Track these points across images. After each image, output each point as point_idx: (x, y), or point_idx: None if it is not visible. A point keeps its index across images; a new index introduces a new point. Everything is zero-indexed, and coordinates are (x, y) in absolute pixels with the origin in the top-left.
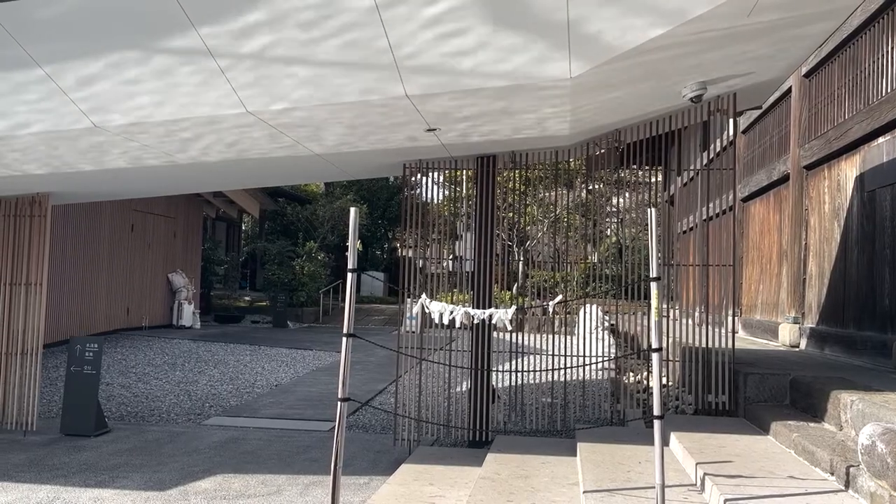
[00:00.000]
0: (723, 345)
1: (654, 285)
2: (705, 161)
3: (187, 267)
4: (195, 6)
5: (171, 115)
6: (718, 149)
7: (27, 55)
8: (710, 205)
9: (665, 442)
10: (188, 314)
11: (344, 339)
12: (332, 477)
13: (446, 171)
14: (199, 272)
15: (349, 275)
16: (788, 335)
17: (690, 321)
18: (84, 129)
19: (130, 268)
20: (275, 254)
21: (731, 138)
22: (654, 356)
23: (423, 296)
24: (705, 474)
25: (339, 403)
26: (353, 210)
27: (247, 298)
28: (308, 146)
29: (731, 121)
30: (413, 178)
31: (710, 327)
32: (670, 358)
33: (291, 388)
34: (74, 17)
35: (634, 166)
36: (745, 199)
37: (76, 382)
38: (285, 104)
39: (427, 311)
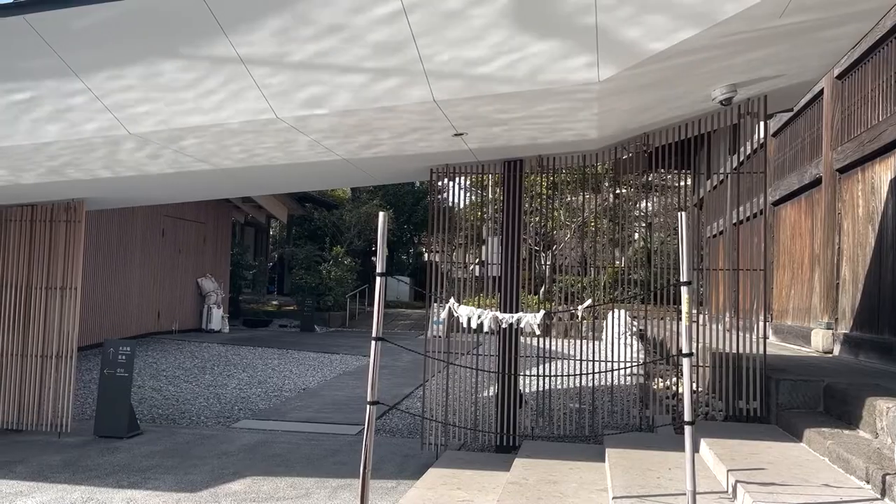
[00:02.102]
0: (754, 350)
1: (684, 289)
2: (735, 164)
3: (216, 271)
4: (226, 15)
5: (202, 122)
6: (748, 152)
7: (64, 64)
8: (740, 208)
9: (695, 448)
10: (217, 318)
11: (373, 342)
12: (360, 480)
13: (473, 176)
14: (228, 277)
15: (378, 278)
16: (821, 341)
17: (720, 326)
18: (119, 137)
19: (161, 272)
20: (302, 258)
21: (761, 141)
22: (685, 361)
23: (452, 300)
24: (737, 481)
25: (367, 407)
26: (381, 215)
27: (275, 303)
28: (336, 151)
29: (761, 123)
30: (440, 183)
31: (740, 332)
32: (700, 363)
33: (319, 391)
34: (110, 27)
35: (662, 170)
36: (776, 203)
37: (109, 385)
38: (315, 110)
39: (455, 315)
